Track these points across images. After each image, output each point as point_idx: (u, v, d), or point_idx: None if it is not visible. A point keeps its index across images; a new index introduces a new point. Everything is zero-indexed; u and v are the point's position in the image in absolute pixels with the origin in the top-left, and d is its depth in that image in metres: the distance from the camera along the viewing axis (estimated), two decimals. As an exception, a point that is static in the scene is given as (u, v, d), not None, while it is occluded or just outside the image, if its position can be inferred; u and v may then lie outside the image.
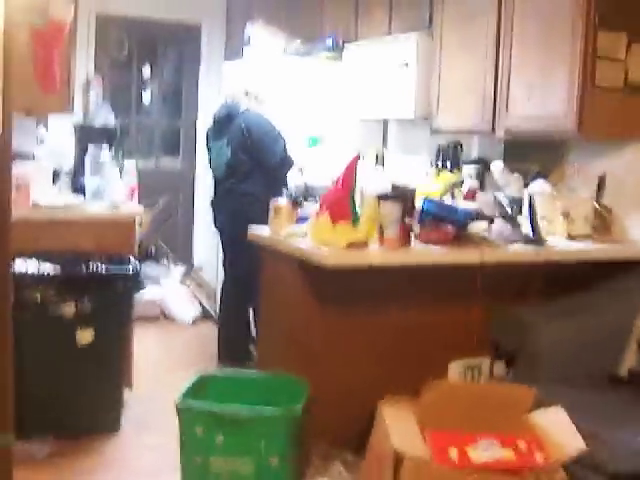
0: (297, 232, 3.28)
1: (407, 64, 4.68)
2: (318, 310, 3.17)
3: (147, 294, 6.07)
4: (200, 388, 3.15)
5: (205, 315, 6.22)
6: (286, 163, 4.83)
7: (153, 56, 6.92)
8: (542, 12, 3.72)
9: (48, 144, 4.67)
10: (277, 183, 4.70)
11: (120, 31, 6.61)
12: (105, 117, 5.69)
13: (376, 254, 3.06)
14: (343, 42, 5.48)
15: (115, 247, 4.06)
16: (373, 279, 3.15)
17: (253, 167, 4.76)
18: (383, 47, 4.97)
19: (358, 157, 3.12)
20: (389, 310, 3.25)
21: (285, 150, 4.81)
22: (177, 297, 6.29)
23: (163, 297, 6.26)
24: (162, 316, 6.21)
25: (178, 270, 6.51)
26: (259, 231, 3.56)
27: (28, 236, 3.78)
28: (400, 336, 3.28)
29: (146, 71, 6.90)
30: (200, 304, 6.30)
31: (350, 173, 3.07)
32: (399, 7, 4.94)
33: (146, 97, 6.97)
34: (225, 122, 4.86)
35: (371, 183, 3.21)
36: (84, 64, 6.22)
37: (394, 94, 4.80)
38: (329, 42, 5.55)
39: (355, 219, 3.04)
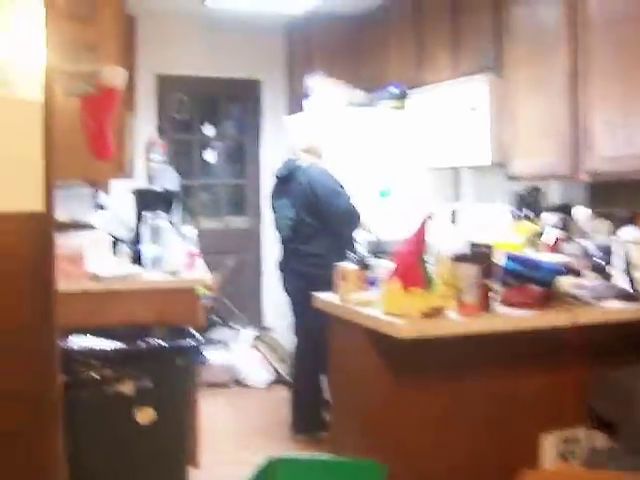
0: (367, 299, 3.00)
1: (475, 108, 4.44)
2: (392, 384, 2.88)
3: (217, 359, 5.86)
4: (268, 474, 2.87)
5: (279, 379, 5.95)
6: (351, 218, 4.58)
7: (215, 114, 6.80)
8: (623, 42, 3.41)
9: (108, 211, 4.52)
10: (343, 242, 4.45)
11: (181, 91, 6.51)
12: (168, 180, 5.58)
13: (454, 322, 2.75)
14: (407, 89, 5.27)
15: (177, 317, 3.86)
16: (452, 348, 2.84)
17: (318, 227, 4.52)
18: (449, 91, 4.75)
19: (429, 216, 2.83)
20: (471, 381, 2.93)
21: (349, 204, 4.56)
22: (249, 361, 6.05)
23: (234, 362, 6.03)
24: (233, 382, 5.97)
25: (248, 333, 6.28)
26: (326, 298, 3.30)
27: (85, 309, 3.69)
28: (485, 409, 2.95)
29: (208, 130, 6.77)
30: (274, 368, 6.05)
31: (420, 234, 2.79)
32: (464, 49, 4.72)
33: (209, 156, 6.83)
34: (286, 180, 4.65)
35: (445, 242, 2.93)
36: (146, 126, 6.16)
37: (466, 140, 4.55)
38: (393, 90, 5.36)
39: (429, 284, 2.75)
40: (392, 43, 5.58)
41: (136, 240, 4.19)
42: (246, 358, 6.04)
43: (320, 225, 4.52)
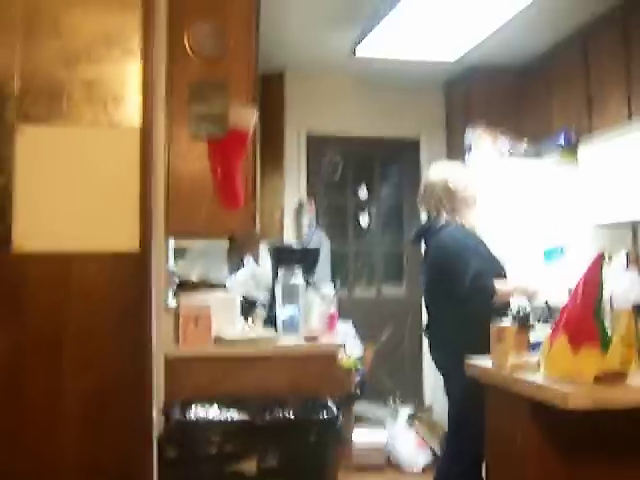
0: (527, 363, 2.46)
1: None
2: (562, 467, 2.30)
3: (370, 439, 5.38)
4: None
5: (437, 462, 5.36)
6: (476, 293, 3.61)
7: (369, 175, 6.42)
8: None
9: (245, 270, 4.20)
10: (474, 316, 3.61)
11: (333, 151, 6.21)
12: (317, 244, 5.25)
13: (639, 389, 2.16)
14: (577, 138, 4.72)
15: (312, 387, 3.41)
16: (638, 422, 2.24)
17: (446, 296, 3.77)
18: (625, 137, 4.16)
19: (602, 257, 2.28)
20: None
21: (477, 276, 3.60)
22: (405, 442, 5.50)
23: (389, 442, 5.50)
24: (387, 464, 5.43)
25: (406, 411, 5.74)
26: (478, 363, 2.77)
27: (210, 375, 3.32)
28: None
29: (362, 192, 6.39)
30: (431, 450, 5.47)
31: (593, 279, 2.24)
32: (638, 85, 4.15)
33: (364, 220, 6.43)
34: (420, 243, 4.02)
35: (623, 290, 2.36)
36: (295, 188, 5.89)
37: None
38: (560, 140, 4.82)
39: (604, 342, 2.18)
40: (557, 90, 5.10)
41: (273, 301, 3.82)
42: (402, 438, 5.50)
43: (448, 299, 3.76)
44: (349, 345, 4.90)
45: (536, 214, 4.74)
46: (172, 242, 3.80)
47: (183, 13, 3.29)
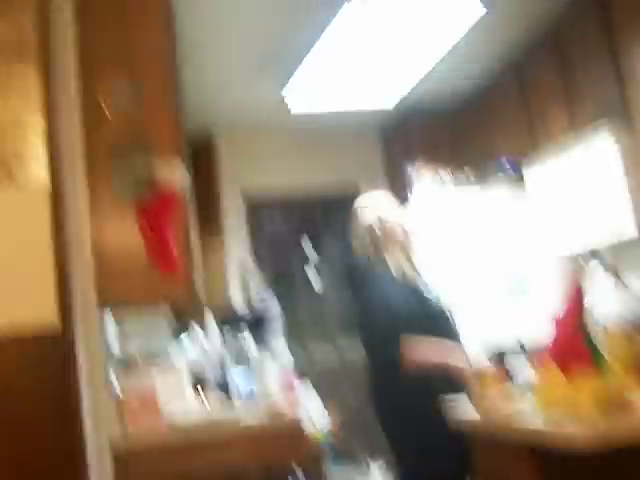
0: (518, 405, 2.20)
1: (609, 165, 3.68)
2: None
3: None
4: None
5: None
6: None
7: (313, 228, 6.18)
8: None
9: (193, 342, 3.89)
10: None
11: (274, 209, 5.99)
12: (267, 305, 4.97)
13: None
14: (521, 163, 4.57)
15: (278, 457, 3.10)
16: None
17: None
18: (572, 152, 4.01)
19: (581, 273, 2.06)
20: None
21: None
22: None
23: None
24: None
25: (380, 469, 5.45)
26: (461, 412, 2.47)
27: (165, 467, 2.93)
28: None
29: (309, 247, 6.13)
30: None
31: (576, 296, 2.00)
32: (578, 99, 4.04)
33: (313, 275, 6.15)
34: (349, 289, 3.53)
35: (609, 305, 2.11)
36: (238, 250, 5.67)
37: (604, 210, 3.74)
38: (506, 167, 4.66)
39: (600, 364, 1.93)
40: (498, 119, 5.02)
41: (224, 372, 3.52)
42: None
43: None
44: (312, 411, 4.59)
45: (490, 246, 4.55)
46: (111, 319, 3.47)
47: (96, 70, 3.01)
